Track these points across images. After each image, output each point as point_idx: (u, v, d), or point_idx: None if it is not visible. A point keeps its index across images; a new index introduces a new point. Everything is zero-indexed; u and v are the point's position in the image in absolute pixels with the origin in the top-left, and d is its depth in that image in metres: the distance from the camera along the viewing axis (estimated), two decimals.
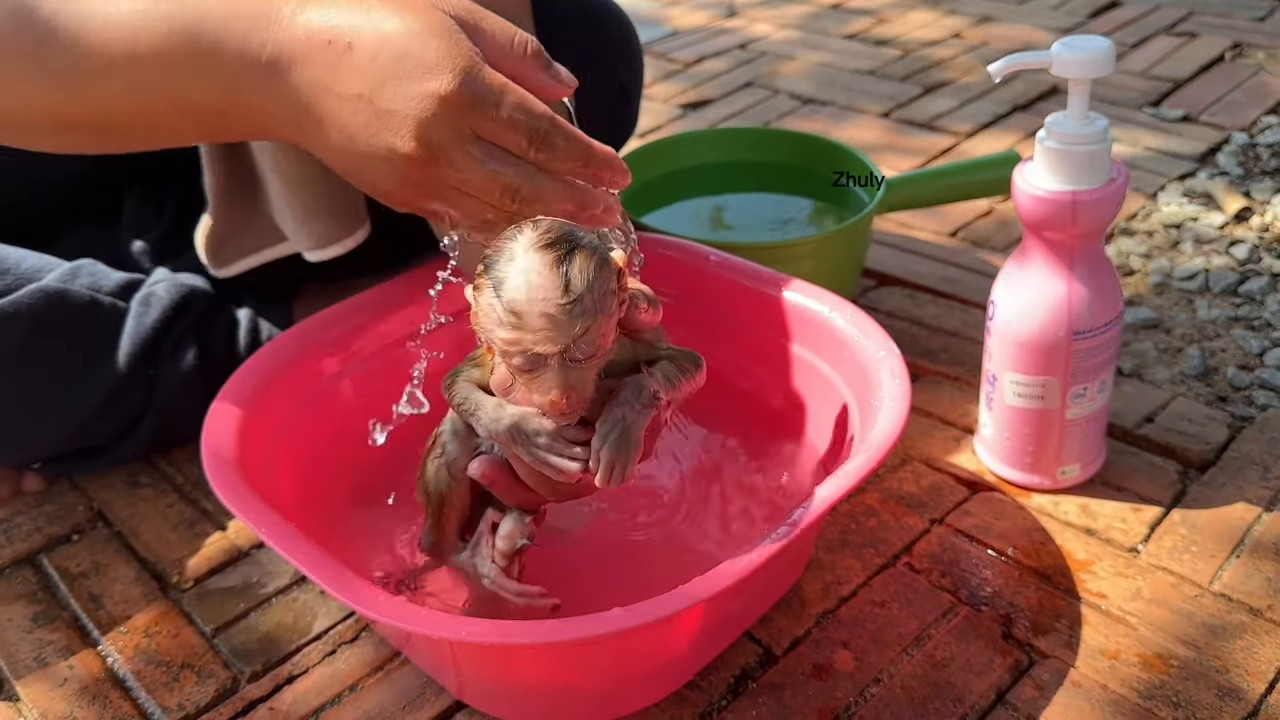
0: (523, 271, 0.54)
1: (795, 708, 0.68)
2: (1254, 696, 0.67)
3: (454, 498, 0.69)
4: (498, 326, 0.55)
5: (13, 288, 0.81)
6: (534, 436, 0.60)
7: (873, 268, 1.13)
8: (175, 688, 0.72)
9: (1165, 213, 1.21)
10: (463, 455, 0.67)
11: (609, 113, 1.08)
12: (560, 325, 0.54)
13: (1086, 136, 0.73)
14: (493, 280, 0.55)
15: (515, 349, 0.55)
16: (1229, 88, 1.48)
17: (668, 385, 0.61)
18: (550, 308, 0.54)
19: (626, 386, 0.60)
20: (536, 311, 0.54)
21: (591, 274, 0.55)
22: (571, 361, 0.56)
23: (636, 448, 0.60)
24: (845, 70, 1.64)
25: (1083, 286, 0.76)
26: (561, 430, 0.60)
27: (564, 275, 0.54)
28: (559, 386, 0.56)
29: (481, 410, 0.61)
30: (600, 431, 0.59)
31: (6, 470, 0.90)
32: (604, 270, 0.56)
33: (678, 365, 0.62)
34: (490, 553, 0.68)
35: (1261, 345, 0.98)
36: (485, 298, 0.55)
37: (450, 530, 0.70)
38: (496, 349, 0.57)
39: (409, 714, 0.69)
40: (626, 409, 0.59)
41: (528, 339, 0.54)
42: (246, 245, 0.90)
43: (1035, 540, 0.79)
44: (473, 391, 0.62)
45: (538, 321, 0.54)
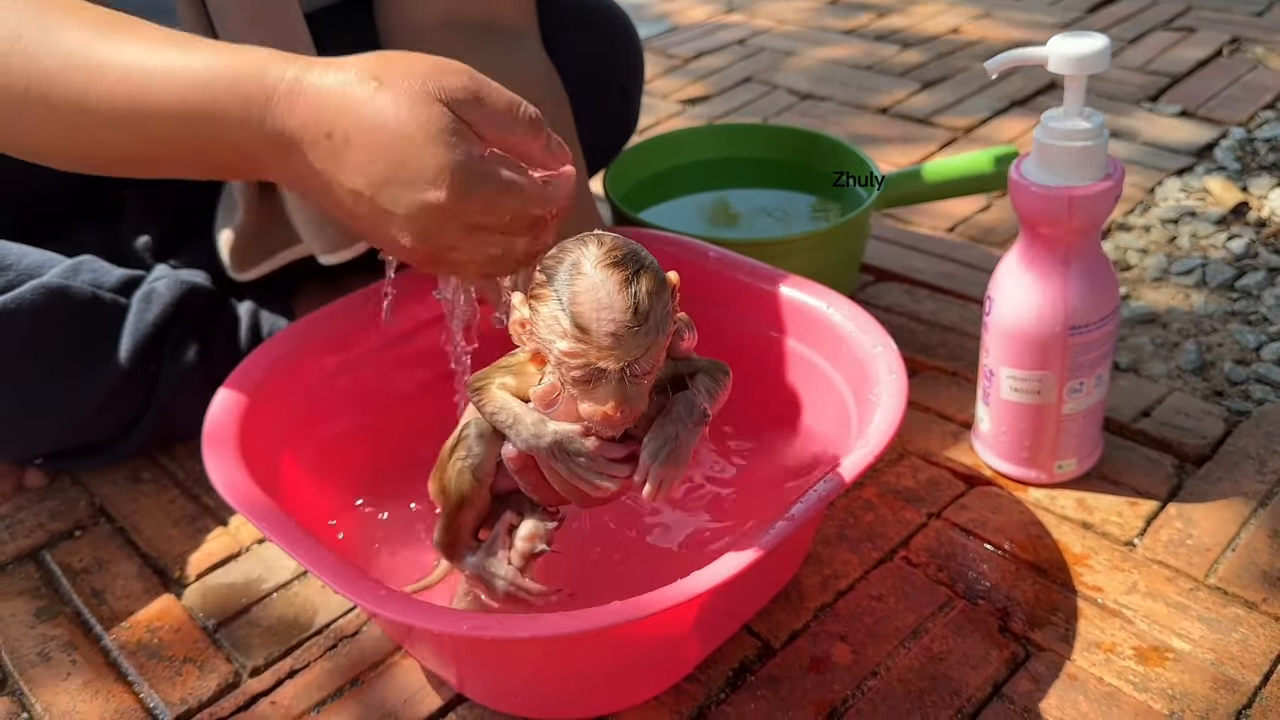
0: (592, 288, 0.54)
1: (793, 700, 0.68)
2: (1249, 689, 0.67)
3: (474, 499, 0.68)
4: (560, 338, 0.55)
5: (14, 284, 0.81)
6: (575, 456, 0.60)
7: (871, 263, 1.13)
8: (177, 682, 0.72)
9: (1163, 208, 1.21)
10: (489, 459, 0.67)
11: (609, 112, 1.08)
12: (626, 343, 0.54)
13: (1082, 132, 0.73)
14: (557, 293, 0.55)
15: (577, 361, 0.55)
16: (1227, 83, 1.49)
17: (712, 400, 0.62)
18: (619, 327, 0.54)
19: (678, 403, 0.60)
20: (606, 329, 0.54)
21: (655, 294, 0.55)
22: (631, 377, 0.56)
23: (686, 464, 0.60)
24: (844, 66, 1.65)
25: (1079, 282, 0.76)
26: (603, 449, 0.60)
27: (633, 295, 0.54)
28: (616, 399, 0.56)
29: (520, 424, 0.61)
30: (651, 448, 0.59)
31: (8, 466, 0.90)
32: (665, 290, 0.56)
33: (713, 378, 0.63)
34: (507, 555, 0.68)
35: (1258, 340, 0.98)
36: (548, 309, 0.55)
37: (465, 531, 0.69)
38: (552, 358, 0.57)
39: (410, 708, 0.69)
40: (679, 427, 0.60)
41: (593, 354, 0.55)
42: (268, 247, 0.91)
43: (1032, 534, 0.80)
44: (509, 402, 0.62)
45: (605, 339, 0.54)
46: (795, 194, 1.12)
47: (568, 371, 0.56)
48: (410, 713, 0.69)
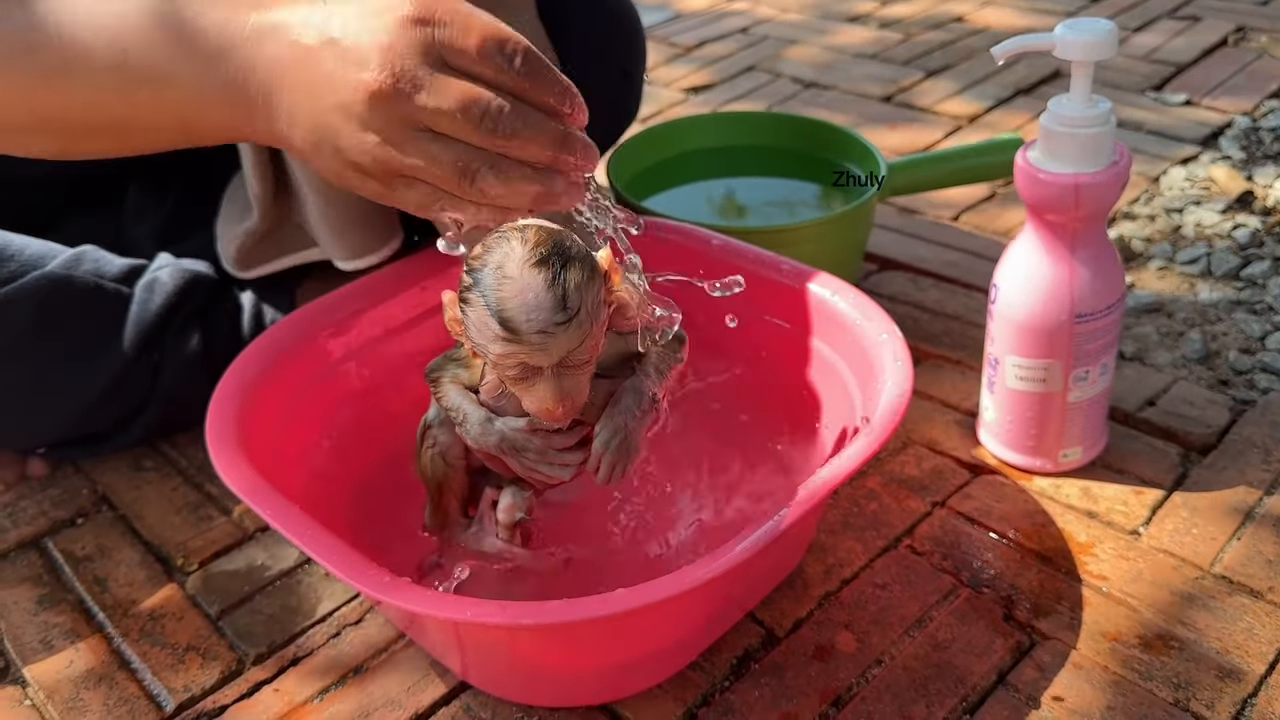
0: (517, 291, 0.53)
1: (797, 688, 0.68)
2: (1254, 677, 0.67)
3: (451, 483, 0.69)
4: (491, 342, 0.55)
5: (17, 275, 0.81)
6: (523, 450, 0.61)
7: (875, 252, 1.13)
8: (181, 670, 0.72)
9: (1167, 196, 1.20)
10: (455, 444, 0.68)
11: (611, 97, 1.08)
12: (558, 340, 0.54)
13: (1089, 119, 0.73)
14: (483, 295, 0.54)
15: (511, 361, 0.55)
16: (1232, 71, 1.48)
17: (662, 380, 0.62)
18: (548, 325, 0.54)
19: (626, 392, 0.61)
20: (534, 329, 0.54)
21: (584, 286, 0.55)
22: (567, 369, 0.56)
23: (636, 451, 0.61)
24: (848, 54, 1.64)
25: (1085, 270, 0.76)
26: (550, 441, 0.60)
27: (559, 292, 0.54)
28: (553, 395, 0.56)
29: (468, 423, 0.62)
30: (601, 438, 0.60)
31: (11, 455, 0.90)
32: (594, 279, 0.56)
33: (668, 349, 0.63)
34: (494, 528, 0.69)
35: (1263, 329, 0.98)
36: (476, 312, 0.55)
37: (452, 510, 0.71)
38: (488, 358, 0.57)
39: (413, 696, 0.69)
40: (628, 417, 0.60)
41: (524, 354, 0.54)
42: (277, 249, 0.91)
43: (1036, 523, 0.79)
44: (462, 400, 0.62)
45: (535, 339, 0.54)
46: (799, 182, 1.12)
47: (504, 372, 0.56)
48: (413, 700, 0.69)
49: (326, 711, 0.69)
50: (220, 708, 0.70)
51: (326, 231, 0.87)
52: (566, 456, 0.61)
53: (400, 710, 0.68)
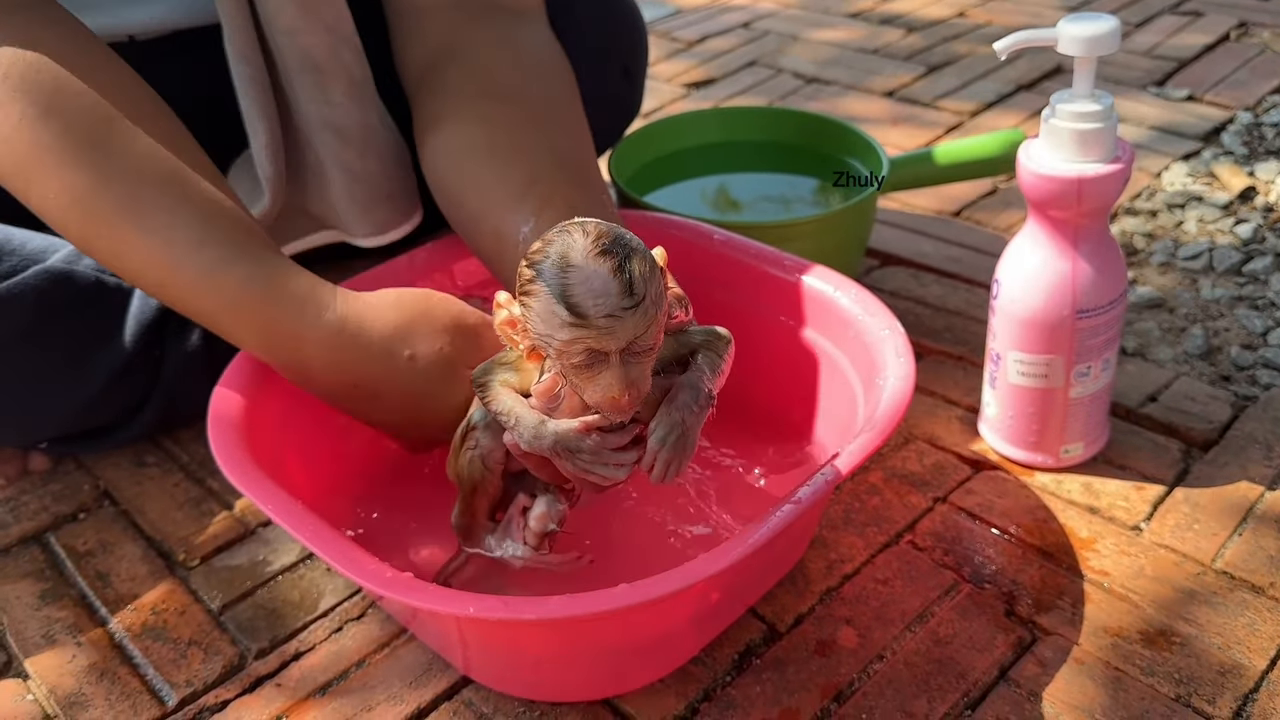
0: (584, 278, 0.54)
1: (799, 684, 0.68)
2: (1256, 673, 0.67)
3: (486, 485, 0.69)
4: (558, 329, 0.55)
5: (18, 269, 0.81)
6: (578, 452, 0.60)
7: (876, 247, 1.13)
8: (183, 664, 0.72)
9: (1169, 192, 1.20)
10: (496, 448, 0.67)
11: (613, 95, 1.08)
12: (625, 323, 0.54)
13: (1092, 114, 0.73)
14: (549, 287, 0.55)
15: (578, 348, 0.55)
16: (1234, 67, 1.48)
17: (715, 376, 0.62)
18: (615, 309, 0.54)
19: (683, 389, 0.60)
20: (602, 312, 0.54)
21: (648, 275, 0.55)
22: (632, 357, 0.56)
23: (693, 448, 0.60)
24: (849, 49, 1.64)
25: (1087, 265, 0.76)
26: (605, 441, 0.60)
27: (625, 277, 0.54)
28: (620, 382, 0.56)
29: (521, 426, 0.61)
30: (658, 434, 0.60)
31: (12, 450, 0.90)
32: (655, 270, 0.56)
33: (715, 351, 0.63)
34: (521, 535, 0.68)
35: (1265, 325, 0.98)
36: (540, 302, 0.55)
37: (481, 514, 0.71)
38: (551, 351, 0.57)
39: (415, 690, 0.69)
40: (686, 413, 0.60)
41: (592, 338, 0.55)
42: (288, 233, 0.92)
43: (1038, 518, 0.79)
44: (513, 402, 0.62)
45: (603, 322, 0.54)
46: (801, 178, 1.12)
47: (569, 360, 0.56)
48: (416, 695, 0.69)
49: (329, 706, 0.69)
50: (222, 702, 0.70)
51: (354, 209, 0.88)
52: (621, 456, 0.60)
53: (402, 705, 0.69)
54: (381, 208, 0.90)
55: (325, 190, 0.89)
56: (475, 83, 0.81)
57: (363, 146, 0.87)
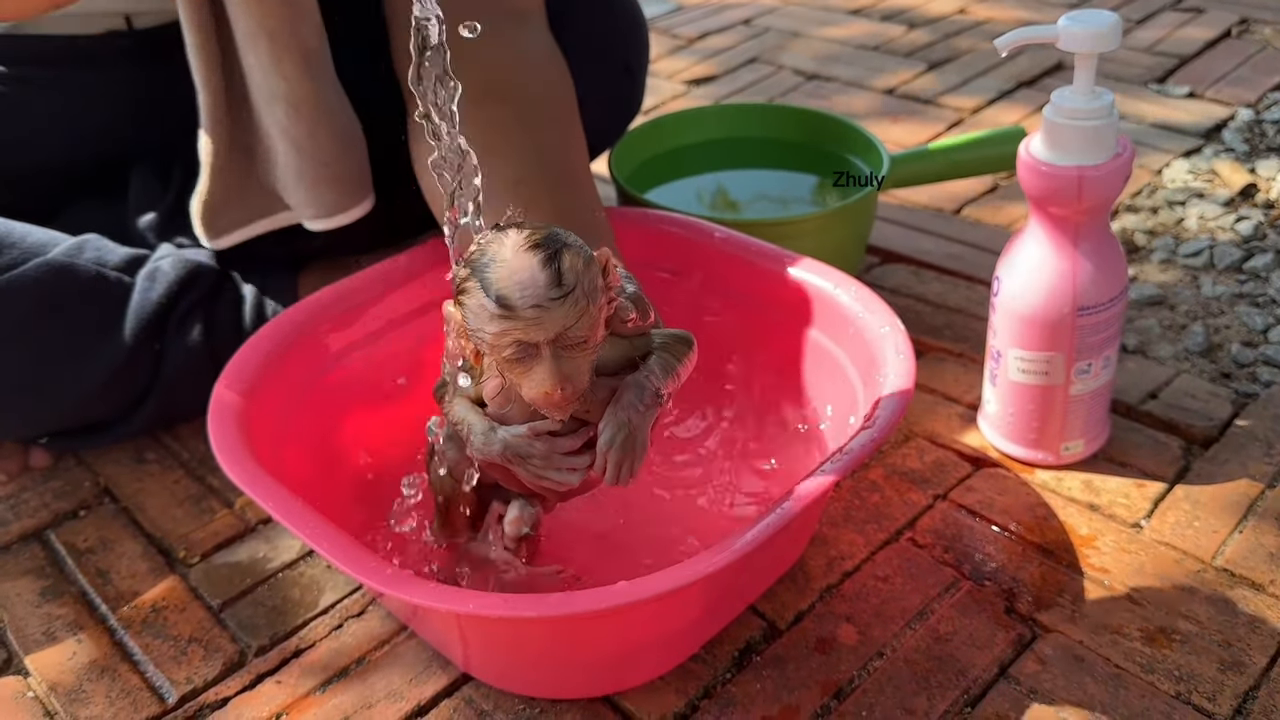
0: (513, 271, 0.54)
1: (799, 681, 0.68)
2: (1257, 670, 0.67)
3: (458, 497, 0.69)
4: (488, 322, 0.55)
5: (18, 262, 0.81)
6: (528, 457, 0.60)
7: (876, 244, 1.13)
8: (183, 662, 0.72)
9: (1170, 189, 1.20)
10: (462, 461, 0.67)
11: (614, 94, 1.08)
12: (552, 313, 0.54)
13: (1092, 111, 0.73)
14: (481, 282, 0.55)
15: (506, 340, 0.55)
16: (1235, 64, 1.48)
17: (667, 380, 0.61)
18: (542, 299, 0.54)
19: (629, 388, 0.60)
20: (529, 303, 0.54)
21: (579, 268, 0.55)
22: (563, 350, 0.55)
23: (644, 448, 0.60)
24: (850, 46, 1.64)
25: (1088, 262, 0.76)
26: (554, 445, 0.60)
27: (554, 269, 0.54)
28: (552, 376, 0.55)
29: (473, 434, 0.61)
30: (605, 435, 0.59)
31: (13, 446, 0.90)
32: (591, 265, 0.56)
33: (672, 353, 0.62)
34: (500, 542, 0.69)
35: (1266, 322, 0.98)
36: (474, 300, 0.55)
37: (459, 524, 0.71)
38: (485, 346, 0.56)
39: (416, 687, 0.69)
40: (631, 412, 0.59)
41: (518, 329, 0.54)
42: (241, 215, 0.89)
43: (1038, 516, 0.79)
44: (467, 412, 0.62)
45: (530, 312, 0.54)
46: (802, 175, 1.12)
47: (501, 355, 0.56)
48: (416, 692, 0.69)
49: (329, 703, 0.69)
50: (222, 700, 0.70)
51: (300, 189, 0.86)
52: (572, 460, 0.60)
53: (402, 702, 0.69)
54: (329, 189, 0.87)
55: (274, 167, 0.87)
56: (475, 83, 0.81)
57: (313, 123, 0.84)
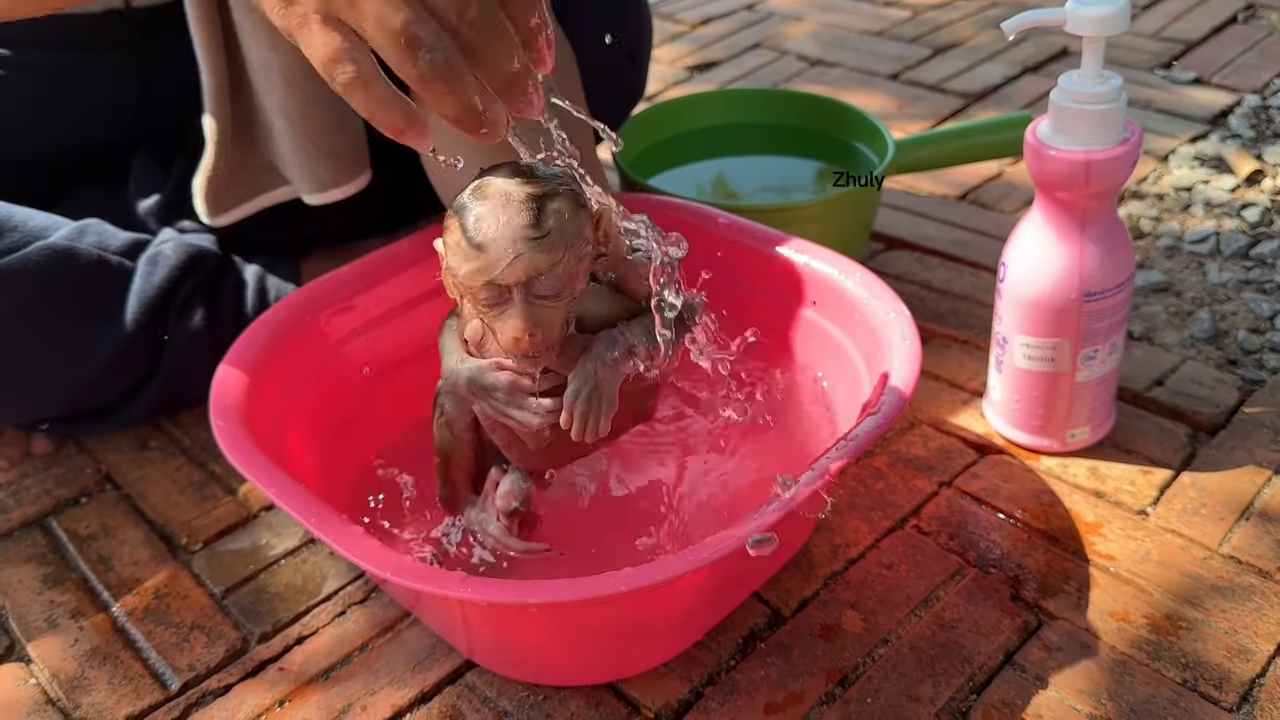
0: (493, 208, 0.53)
1: (803, 668, 0.68)
2: (1262, 658, 0.67)
3: (457, 455, 0.69)
4: (463, 260, 0.54)
5: (19, 245, 0.80)
6: (491, 390, 0.59)
7: (881, 231, 1.12)
8: (185, 649, 0.72)
9: (1176, 176, 1.20)
10: (462, 414, 0.67)
11: (617, 79, 1.07)
12: (526, 257, 0.53)
13: (1100, 95, 0.72)
14: (462, 217, 0.54)
15: (478, 280, 0.54)
16: (1241, 50, 1.47)
17: (647, 340, 0.60)
18: (517, 237, 0.53)
19: (600, 340, 0.59)
20: (504, 241, 0.53)
21: (565, 213, 0.54)
22: (536, 298, 0.55)
23: (610, 402, 0.59)
24: (854, 32, 1.63)
25: (1095, 248, 0.75)
26: (518, 383, 0.59)
27: (534, 210, 0.53)
28: (522, 320, 0.54)
29: (445, 366, 0.61)
30: (573, 386, 0.58)
31: (14, 433, 0.90)
32: (578, 213, 0.55)
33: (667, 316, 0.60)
34: (494, 510, 0.68)
35: (1272, 309, 0.97)
36: (452, 236, 0.55)
37: (460, 484, 0.70)
38: (463, 288, 0.56)
39: (419, 674, 0.69)
40: (598, 364, 0.58)
41: (491, 268, 0.53)
42: (244, 191, 0.89)
43: (1044, 503, 0.79)
44: (448, 340, 0.62)
45: (503, 251, 0.53)
46: (806, 161, 1.11)
47: (475, 296, 0.55)
48: (419, 679, 0.69)
49: (332, 690, 0.69)
50: (225, 687, 0.70)
51: (294, 163, 0.86)
52: (534, 402, 0.59)
53: (405, 689, 0.68)
54: (324, 163, 0.86)
55: (272, 143, 0.87)
56: None
57: (308, 99, 0.83)
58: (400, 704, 0.68)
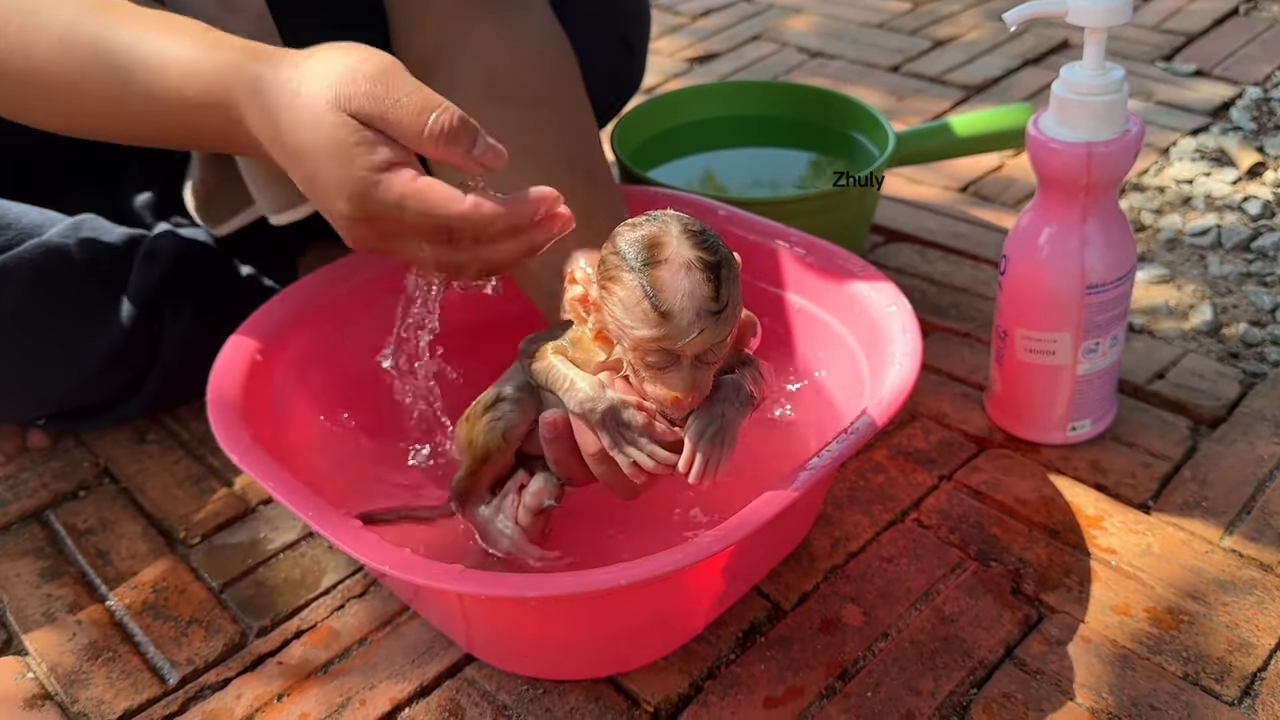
0: (675, 275, 0.53)
1: (803, 661, 0.68)
2: (1264, 651, 0.67)
3: (498, 458, 0.68)
4: (640, 323, 0.54)
5: (14, 243, 0.80)
6: (627, 427, 0.59)
7: (881, 223, 1.12)
8: (184, 642, 0.72)
9: (1177, 168, 1.19)
10: (521, 423, 0.67)
11: (612, 68, 1.06)
12: (709, 330, 0.54)
13: (1102, 86, 0.72)
14: (638, 276, 0.54)
15: (655, 346, 0.55)
16: (1243, 41, 1.46)
17: (759, 388, 0.62)
18: (701, 310, 0.54)
19: (725, 385, 0.60)
20: (689, 313, 0.54)
21: (733, 281, 0.55)
22: (704, 363, 0.56)
23: (733, 444, 0.59)
24: (854, 24, 1.62)
25: (1097, 240, 0.75)
26: (653, 427, 0.59)
27: (716, 281, 0.54)
28: (686, 384, 0.56)
29: (577, 388, 0.61)
30: (696, 426, 0.59)
31: (12, 427, 0.90)
32: (738, 277, 0.56)
33: (760, 370, 0.63)
34: (515, 512, 0.68)
35: (1274, 301, 0.97)
36: (627, 292, 0.54)
37: (483, 483, 0.70)
38: (626, 341, 0.56)
39: (418, 668, 0.69)
40: (726, 406, 0.59)
41: (674, 339, 0.54)
42: (232, 204, 0.89)
43: (1044, 496, 0.79)
44: (567, 366, 0.62)
45: (688, 324, 0.54)
46: (807, 153, 1.11)
47: (643, 356, 0.56)
48: (418, 673, 0.69)
49: (330, 684, 0.69)
50: (224, 680, 0.70)
51: (253, 184, 0.85)
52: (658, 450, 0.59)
53: (404, 683, 0.68)
54: (278, 183, 0.84)
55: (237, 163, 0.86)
56: (481, 80, 0.80)
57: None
58: (399, 698, 0.67)
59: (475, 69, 0.80)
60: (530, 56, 0.82)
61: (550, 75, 0.82)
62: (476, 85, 0.80)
